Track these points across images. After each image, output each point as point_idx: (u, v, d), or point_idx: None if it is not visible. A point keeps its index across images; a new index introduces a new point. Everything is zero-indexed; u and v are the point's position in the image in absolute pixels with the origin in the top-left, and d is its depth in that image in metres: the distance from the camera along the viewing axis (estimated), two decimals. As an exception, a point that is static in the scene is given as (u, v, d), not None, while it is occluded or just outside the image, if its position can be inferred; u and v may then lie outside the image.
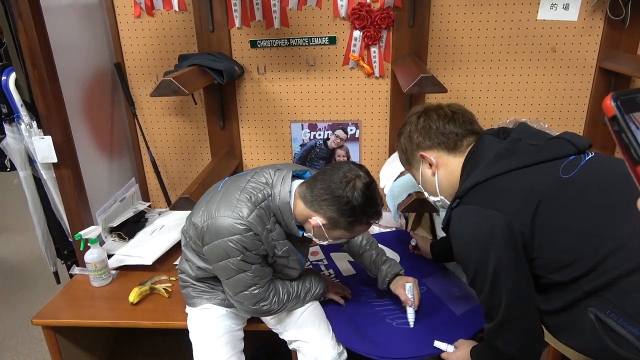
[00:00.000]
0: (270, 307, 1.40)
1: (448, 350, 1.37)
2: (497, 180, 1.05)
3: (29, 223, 3.50)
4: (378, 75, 2.06)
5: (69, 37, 1.86)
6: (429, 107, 1.26)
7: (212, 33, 2.05)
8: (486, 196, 1.05)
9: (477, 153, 1.15)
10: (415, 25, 1.95)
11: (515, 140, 1.11)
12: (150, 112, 2.25)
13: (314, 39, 2.03)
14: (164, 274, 1.87)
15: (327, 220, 1.29)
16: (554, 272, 1.01)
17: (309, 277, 1.54)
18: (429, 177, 1.26)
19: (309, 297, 1.51)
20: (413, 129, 1.25)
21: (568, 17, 1.91)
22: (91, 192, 1.94)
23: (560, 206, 0.99)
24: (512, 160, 1.07)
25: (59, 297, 1.81)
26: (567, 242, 0.98)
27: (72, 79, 1.86)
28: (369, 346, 1.40)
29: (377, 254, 1.62)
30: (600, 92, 2.00)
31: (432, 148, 1.22)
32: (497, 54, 1.99)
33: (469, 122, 1.22)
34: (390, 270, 1.57)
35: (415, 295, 1.50)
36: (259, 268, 1.35)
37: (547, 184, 1.02)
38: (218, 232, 1.29)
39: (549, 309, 1.06)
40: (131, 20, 2.09)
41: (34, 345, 2.28)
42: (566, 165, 1.03)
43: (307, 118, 2.19)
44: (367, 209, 1.27)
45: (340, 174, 1.27)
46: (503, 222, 1.00)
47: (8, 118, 1.71)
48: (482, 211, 1.04)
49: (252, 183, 1.36)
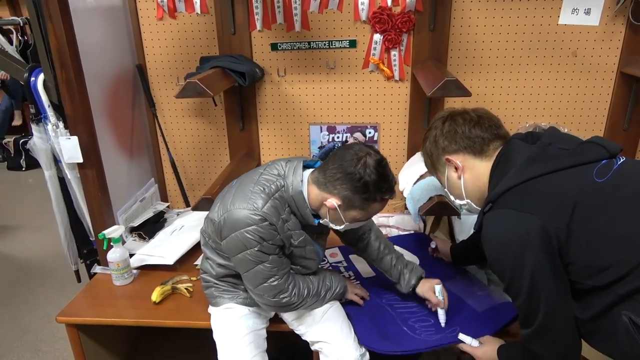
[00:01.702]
0: (290, 299, 1.41)
1: (473, 344, 1.37)
2: (531, 184, 1.05)
3: (45, 222, 3.58)
4: (398, 78, 2.07)
5: (94, 38, 1.88)
6: (454, 112, 1.27)
7: (234, 35, 2.07)
8: (520, 200, 1.05)
9: (506, 157, 1.15)
10: (436, 29, 1.96)
11: (545, 144, 1.11)
12: (170, 113, 2.27)
13: (335, 42, 2.04)
14: (184, 274, 1.89)
15: (341, 201, 1.31)
16: (588, 277, 1.00)
17: (330, 275, 1.55)
18: (454, 181, 1.26)
19: (329, 295, 1.52)
20: (439, 133, 1.26)
21: (589, 22, 1.91)
22: (112, 192, 1.97)
23: (595, 210, 0.99)
24: (544, 164, 1.06)
25: (81, 295, 1.83)
26: (603, 247, 0.98)
27: (96, 80, 1.88)
28: (392, 346, 1.42)
29: (397, 258, 1.63)
30: (620, 97, 2.00)
31: (458, 152, 1.22)
32: (517, 58, 1.99)
33: (495, 127, 1.22)
34: (414, 273, 1.58)
35: (445, 296, 1.52)
36: (277, 259, 1.36)
37: (582, 187, 1.02)
38: (234, 224, 1.32)
39: (587, 316, 1.05)
40: (153, 23, 2.11)
41: (52, 342, 2.30)
42: (599, 169, 1.03)
43: (326, 120, 2.20)
44: (381, 184, 1.29)
45: (351, 152, 1.30)
46: (538, 225, 1.00)
47: (36, 118, 1.73)
48: (517, 215, 1.03)
49: (264, 175, 1.39)
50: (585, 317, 1.05)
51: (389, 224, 2.18)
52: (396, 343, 1.43)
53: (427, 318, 1.53)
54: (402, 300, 1.63)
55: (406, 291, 1.59)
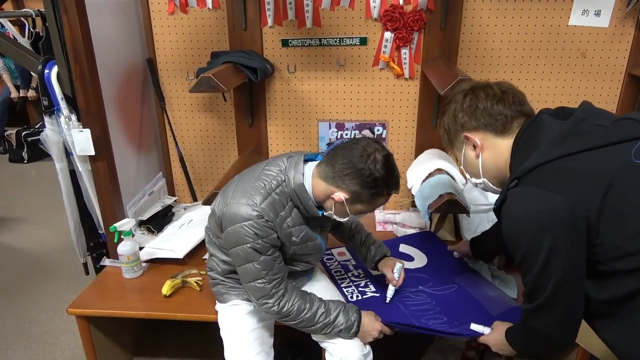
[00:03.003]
0: (272, 307, 1.38)
1: (485, 332, 1.39)
2: (563, 162, 0.99)
3: (50, 215, 3.58)
4: (408, 76, 2.08)
5: (105, 32, 1.89)
6: (477, 85, 1.19)
7: (245, 31, 2.07)
8: (550, 179, 0.99)
9: (534, 133, 1.08)
10: (447, 28, 1.97)
11: (578, 119, 1.04)
12: (180, 107, 2.28)
13: (345, 39, 2.05)
14: (194, 268, 1.90)
15: (349, 195, 1.32)
16: (617, 259, 0.97)
17: (341, 313, 1.44)
18: (472, 159, 1.21)
19: (329, 330, 1.43)
20: (458, 107, 1.19)
21: (599, 24, 1.93)
22: (122, 185, 1.97)
23: (631, 192, 0.94)
24: (578, 141, 1.00)
25: (91, 288, 1.84)
26: (635, 230, 0.94)
27: (107, 73, 1.89)
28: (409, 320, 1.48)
29: (366, 236, 1.72)
30: (628, 98, 2.02)
31: (478, 129, 1.16)
32: (527, 58, 2.01)
33: (519, 103, 1.14)
34: (379, 251, 1.68)
35: (401, 276, 1.60)
36: (268, 261, 1.36)
37: (618, 167, 0.96)
38: (232, 218, 1.34)
39: (601, 298, 1.03)
40: (165, 17, 2.11)
41: (59, 334, 2.31)
42: (638, 148, 0.96)
43: (335, 117, 2.21)
44: (389, 179, 1.31)
45: (359, 148, 1.31)
46: (566, 206, 0.95)
47: (48, 110, 1.74)
48: (544, 194, 0.98)
49: (266, 171, 1.40)
50: (601, 298, 1.02)
51: (396, 221, 2.19)
52: (405, 318, 1.50)
53: (439, 316, 1.54)
54: (414, 299, 1.65)
55: (369, 267, 1.70)
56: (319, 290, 1.58)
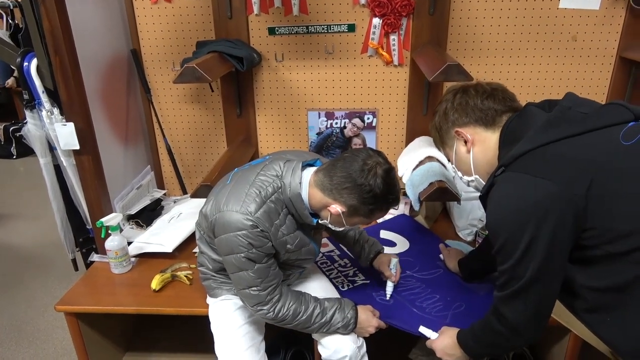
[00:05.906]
0: (268, 314, 1.37)
1: (432, 337, 1.38)
2: (551, 148, 0.99)
3: (39, 210, 3.54)
4: (397, 63, 2.05)
5: (87, 22, 1.84)
6: (468, 85, 1.21)
7: (230, 20, 2.03)
8: (537, 165, 0.99)
9: (520, 122, 1.09)
10: (436, 13, 1.94)
11: (564, 108, 1.04)
12: (166, 99, 2.24)
13: (333, 27, 2.02)
14: (183, 262, 1.88)
15: (347, 208, 1.28)
16: (608, 242, 0.95)
17: (337, 311, 1.43)
18: (463, 155, 1.21)
19: (326, 329, 1.43)
20: (449, 106, 1.20)
21: (590, 6, 1.90)
22: (108, 179, 1.94)
23: (621, 174, 0.94)
24: (566, 126, 1.00)
25: (79, 284, 1.82)
26: (627, 211, 0.93)
27: (90, 65, 1.84)
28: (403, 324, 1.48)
29: (359, 234, 1.71)
30: (619, 81, 2.00)
31: (469, 124, 1.17)
32: (517, 42, 1.98)
33: (509, 99, 1.16)
34: (373, 248, 1.68)
35: (397, 271, 1.60)
36: (262, 269, 1.33)
37: (607, 151, 0.96)
38: (225, 226, 1.29)
39: (597, 283, 1.01)
40: (148, 6, 2.07)
41: (50, 332, 2.28)
42: (627, 131, 0.96)
43: (324, 106, 2.18)
44: (388, 196, 1.27)
45: (360, 161, 1.25)
46: (554, 192, 0.95)
47: (30, 104, 1.70)
48: (531, 180, 0.97)
49: (261, 176, 1.35)
50: (601, 286, 1.00)
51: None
52: (407, 323, 1.48)
53: (433, 295, 1.59)
54: (404, 284, 1.66)
55: (365, 265, 1.69)
56: (314, 289, 1.57)
